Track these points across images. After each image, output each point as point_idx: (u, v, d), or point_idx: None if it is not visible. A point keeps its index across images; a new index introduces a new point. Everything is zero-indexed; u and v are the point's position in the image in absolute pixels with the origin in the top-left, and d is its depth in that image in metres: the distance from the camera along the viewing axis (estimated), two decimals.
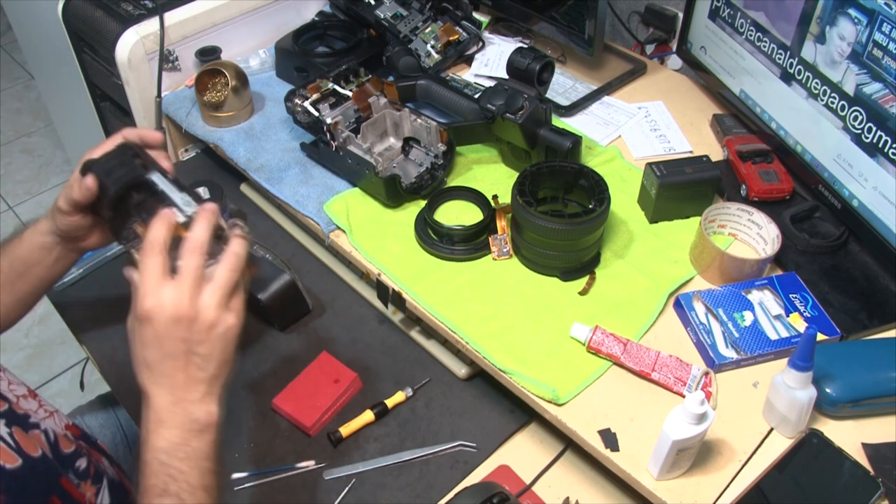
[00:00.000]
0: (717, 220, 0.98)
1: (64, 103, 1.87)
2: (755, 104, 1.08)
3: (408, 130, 1.11)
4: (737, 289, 0.90)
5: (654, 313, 0.90)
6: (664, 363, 0.83)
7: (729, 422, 0.80)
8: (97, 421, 1.09)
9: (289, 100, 1.10)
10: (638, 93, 1.27)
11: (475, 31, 1.32)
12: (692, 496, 0.74)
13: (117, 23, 1.22)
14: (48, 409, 0.80)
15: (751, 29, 1.05)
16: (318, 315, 1.06)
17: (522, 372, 0.84)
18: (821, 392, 0.76)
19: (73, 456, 0.76)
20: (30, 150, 2.74)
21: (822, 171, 0.96)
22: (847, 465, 0.74)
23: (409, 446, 0.91)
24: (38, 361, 2.06)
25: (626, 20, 1.47)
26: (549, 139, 1.02)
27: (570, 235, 0.90)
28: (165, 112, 1.26)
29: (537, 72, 1.03)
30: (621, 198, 1.04)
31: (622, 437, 0.79)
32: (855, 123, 0.88)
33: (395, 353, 1.01)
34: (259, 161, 1.14)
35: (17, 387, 0.78)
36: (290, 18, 1.39)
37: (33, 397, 0.79)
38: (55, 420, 0.79)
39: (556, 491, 0.87)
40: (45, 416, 0.78)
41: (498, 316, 0.91)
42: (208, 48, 1.27)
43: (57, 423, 0.79)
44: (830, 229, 0.98)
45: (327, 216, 1.04)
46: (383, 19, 1.27)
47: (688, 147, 1.14)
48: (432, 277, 0.96)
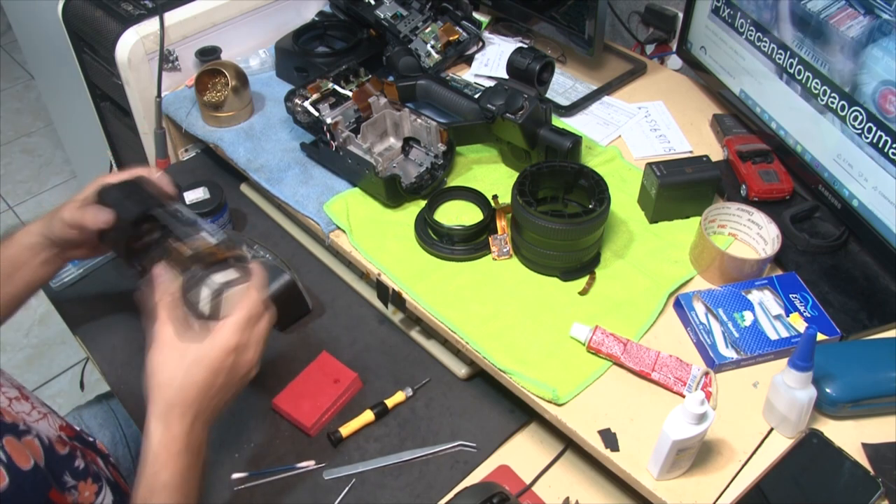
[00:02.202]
0: (717, 220, 0.98)
1: (64, 103, 1.87)
2: (755, 104, 1.08)
3: (408, 130, 1.11)
4: (737, 289, 0.90)
5: (654, 313, 0.90)
6: (664, 363, 0.83)
7: (729, 422, 0.80)
8: (96, 420, 1.08)
9: (289, 100, 1.10)
10: (638, 93, 1.27)
11: (475, 31, 1.32)
12: (692, 496, 0.74)
13: (117, 23, 1.22)
14: (41, 410, 0.79)
15: (751, 29, 1.05)
16: (318, 315, 1.06)
17: (522, 372, 0.84)
18: (821, 392, 0.76)
19: (69, 457, 0.76)
20: (30, 150, 2.74)
21: (822, 171, 0.96)
22: (847, 465, 0.74)
23: (409, 446, 0.91)
24: (38, 361, 2.06)
25: (626, 20, 1.47)
26: (549, 139, 1.02)
27: (570, 235, 0.90)
28: (165, 112, 1.26)
29: (537, 72, 1.03)
30: (621, 198, 1.04)
31: (622, 437, 0.79)
32: (855, 123, 0.88)
33: (395, 353, 1.01)
34: (259, 161, 1.14)
35: (9, 389, 0.77)
36: (290, 18, 1.39)
37: (25, 399, 0.78)
38: (49, 422, 0.79)
39: (556, 491, 0.87)
40: (39, 417, 0.77)
41: (498, 316, 0.91)
42: (208, 48, 1.27)
43: (51, 424, 0.78)
44: (830, 229, 0.98)
45: (327, 216, 1.04)
46: (383, 19, 1.27)
47: (688, 147, 1.14)
48: (432, 277, 0.96)
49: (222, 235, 0.78)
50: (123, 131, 1.41)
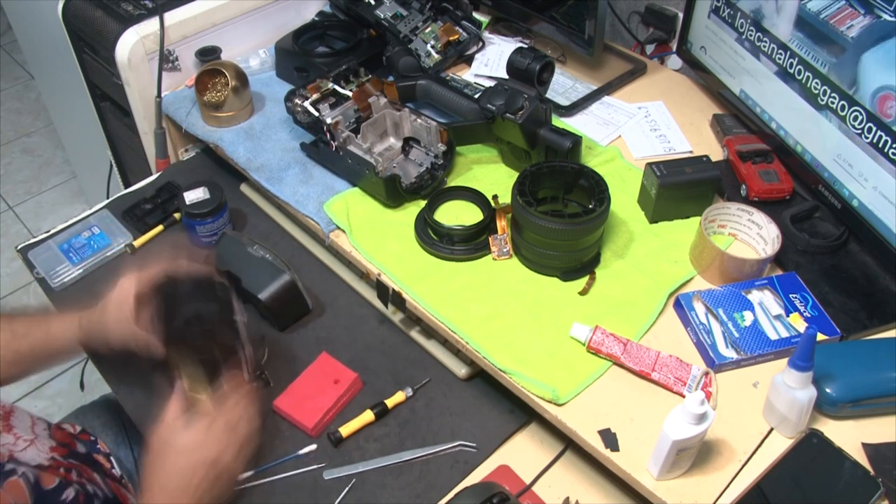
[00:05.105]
0: (717, 220, 0.98)
1: (64, 103, 1.87)
2: (755, 104, 1.08)
3: (408, 130, 1.11)
4: (737, 289, 0.90)
5: (654, 313, 0.90)
6: (664, 363, 0.83)
7: (729, 422, 0.80)
8: (99, 420, 1.08)
9: (289, 100, 1.10)
10: (638, 93, 1.27)
11: (475, 31, 1.32)
12: (692, 496, 0.74)
13: (117, 23, 1.22)
14: (27, 437, 0.79)
15: (751, 29, 1.05)
16: (318, 315, 1.06)
17: (522, 372, 0.84)
18: (821, 392, 0.76)
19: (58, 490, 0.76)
20: (30, 150, 2.74)
21: (822, 171, 0.96)
22: (847, 465, 0.74)
23: (409, 446, 0.91)
24: None
25: (626, 20, 1.47)
26: (549, 139, 1.02)
27: (570, 235, 0.90)
28: (165, 112, 1.26)
29: (537, 72, 1.03)
30: (621, 198, 1.04)
31: (622, 437, 0.79)
32: (855, 123, 0.88)
33: (395, 353, 1.01)
34: (259, 161, 1.14)
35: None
36: (290, 18, 1.39)
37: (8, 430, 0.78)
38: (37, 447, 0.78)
39: (556, 491, 0.87)
40: (25, 446, 0.77)
41: (498, 316, 0.91)
42: (208, 48, 1.27)
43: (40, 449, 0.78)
44: (830, 229, 0.98)
45: (327, 216, 1.04)
46: (383, 19, 1.27)
47: (688, 147, 1.14)
48: (432, 277, 0.96)
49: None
50: (123, 131, 1.41)
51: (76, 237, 1.15)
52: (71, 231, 1.17)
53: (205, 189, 1.11)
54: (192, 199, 1.09)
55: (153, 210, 1.19)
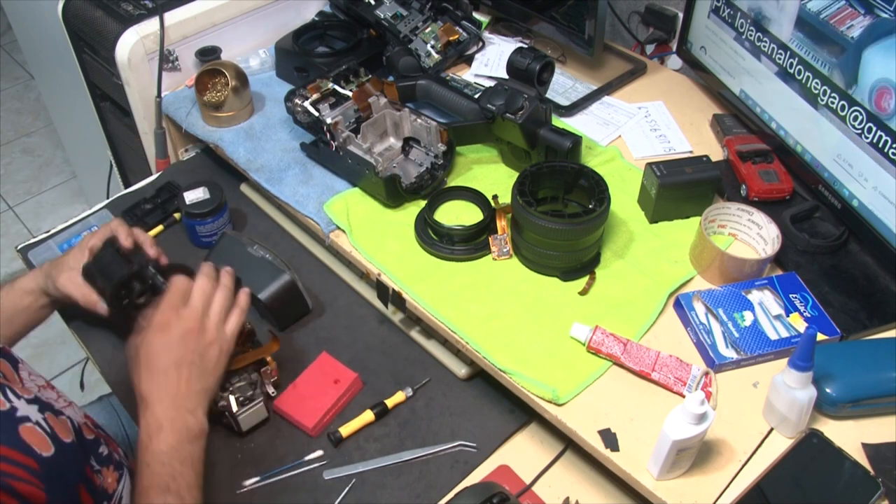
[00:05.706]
0: (717, 220, 0.98)
1: (64, 103, 1.87)
2: (755, 104, 1.08)
3: (408, 130, 1.11)
4: (737, 289, 0.90)
5: (654, 313, 0.90)
6: (664, 363, 0.83)
7: (729, 422, 0.80)
8: (99, 420, 1.08)
9: (289, 100, 1.10)
10: (638, 93, 1.27)
11: (475, 31, 1.32)
12: (692, 496, 0.74)
13: (117, 23, 1.22)
14: (66, 399, 0.81)
15: (751, 29, 1.05)
16: (318, 315, 1.06)
17: (522, 372, 0.84)
18: (821, 392, 0.76)
19: (95, 443, 0.78)
20: (30, 150, 2.74)
21: (822, 171, 0.96)
22: (847, 465, 0.74)
23: (409, 446, 0.91)
24: (38, 361, 2.06)
25: (626, 20, 1.47)
26: (549, 139, 1.02)
27: (570, 235, 0.90)
28: (165, 112, 1.26)
29: (537, 72, 1.03)
30: (621, 198, 1.04)
31: (622, 437, 0.79)
32: (855, 123, 0.88)
33: (395, 353, 1.01)
34: (259, 161, 1.14)
35: (37, 377, 0.79)
36: (290, 18, 1.39)
37: (51, 388, 0.80)
38: (74, 410, 0.80)
39: (556, 491, 0.87)
40: (65, 405, 0.79)
41: (498, 316, 0.91)
42: (208, 48, 1.27)
43: (76, 412, 0.80)
44: (830, 229, 0.98)
45: (327, 216, 1.04)
46: (383, 19, 1.27)
47: (688, 147, 1.14)
48: (432, 277, 0.96)
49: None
50: (123, 131, 1.41)
51: (76, 237, 1.15)
52: (71, 231, 1.17)
53: (205, 189, 1.11)
54: (192, 199, 1.09)
55: (153, 210, 1.19)
